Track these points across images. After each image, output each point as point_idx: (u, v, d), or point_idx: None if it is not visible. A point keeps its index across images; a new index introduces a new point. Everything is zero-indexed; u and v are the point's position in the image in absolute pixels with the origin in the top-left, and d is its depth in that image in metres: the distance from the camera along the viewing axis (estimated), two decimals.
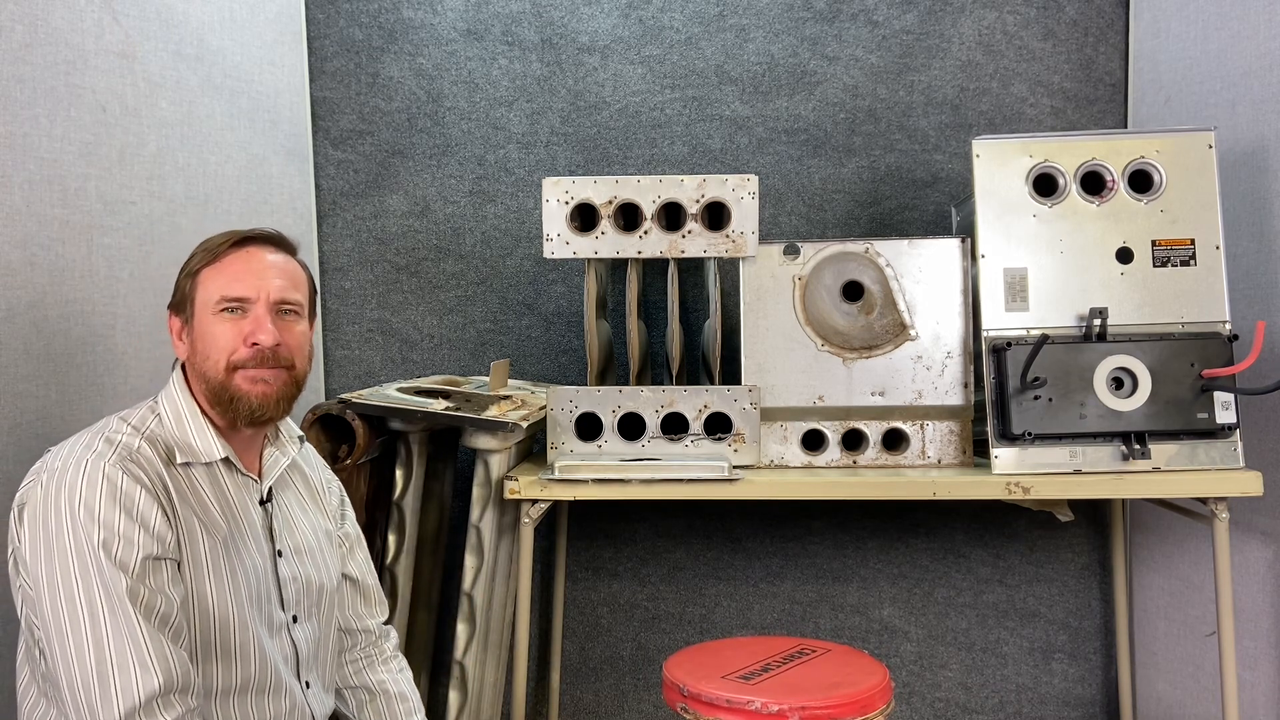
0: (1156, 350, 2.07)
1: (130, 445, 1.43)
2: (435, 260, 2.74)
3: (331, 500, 1.75)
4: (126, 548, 1.35)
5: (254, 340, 1.48)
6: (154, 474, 1.42)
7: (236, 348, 1.48)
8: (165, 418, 1.50)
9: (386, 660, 1.78)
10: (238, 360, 1.48)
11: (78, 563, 1.34)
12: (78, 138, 1.94)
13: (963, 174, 2.66)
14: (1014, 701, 2.69)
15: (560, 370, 2.74)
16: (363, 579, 1.77)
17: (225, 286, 1.49)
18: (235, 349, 1.48)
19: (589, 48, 2.70)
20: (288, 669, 1.55)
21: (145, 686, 1.31)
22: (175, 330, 1.54)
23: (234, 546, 1.49)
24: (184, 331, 1.52)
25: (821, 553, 2.71)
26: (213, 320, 1.48)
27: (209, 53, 2.31)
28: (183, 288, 1.53)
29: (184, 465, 1.48)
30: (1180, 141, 2.12)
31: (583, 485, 2.08)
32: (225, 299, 1.48)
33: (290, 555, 1.59)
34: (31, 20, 1.83)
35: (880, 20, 2.67)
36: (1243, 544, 2.25)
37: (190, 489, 1.47)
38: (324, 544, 1.67)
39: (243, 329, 1.48)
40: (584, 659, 2.76)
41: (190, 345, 1.51)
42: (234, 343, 1.48)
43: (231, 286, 1.49)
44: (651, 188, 2.17)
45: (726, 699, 1.76)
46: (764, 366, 2.21)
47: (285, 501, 1.63)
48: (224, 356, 1.47)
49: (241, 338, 1.48)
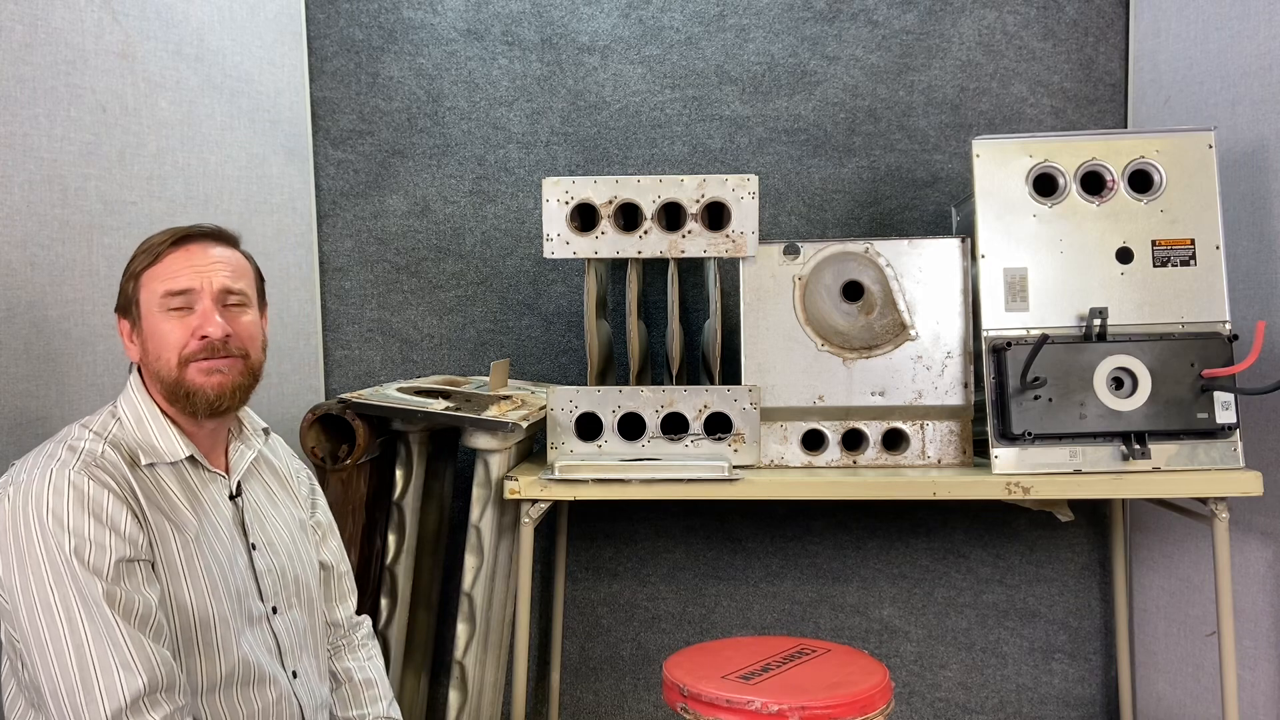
0: (1156, 350, 2.07)
1: (94, 450, 1.44)
2: (435, 260, 2.74)
3: (302, 489, 1.77)
4: (99, 553, 1.36)
5: (203, 333, 1.49)
6: (120, 477, 1.42)
7: (186, 342, 1.49)
8: (126, 421, 1.51)
9: (355, 648, 1.80)
10: (189, 354, 1.49)
11: (51, 572, 1.34)
12: (78, 138, 1.94)
13: (963, 174, 2.66)
14: (1014, 701, 2.69)
15: (560, 370, 2.74)
16: (335, 566, 1.79)
17: (168, 283, 1.49)
18: (185, 343, 1.49)
19: (589, 48, 2.70)
20: (271, 660, 1.55)
21: (130, 687, 1.32)
22: (125, 333, 1.55)
23: (206, 543, 1.50)
24: (133, 334, 1.53)
25: (821, 553, 2.71)
26: (160, 318, 1.49)
27: (209, 53, 2.31)
28: (126, 290, 1.53)
29: (149, 466, 1.48)
30: (1180, 141, 2.12)
31: (583, 485, 2.08)
32: (169, 293, 1.49)
33: (264, 548, 1.60)
34: (31, 20, 1.83)
35: (880, 20, 2.67)
36: (1243, 544, 2.25)
37: (158, 489, 1.48)
38: (297, 534, 1.69)
39: (190, 324, 1.49)
40: (584, 659, 2.76)
41: (141, 346, 1.52)
42: (183, 338, 1.49)
43: (174, 281, 1.49)
44: (651, 188, 2.17)
45: (726, 699, 1.76)
46: (764, 366, 2.21)
47: (255, 495, 1.64)
48: (175, 353, 1.49)
49: (190, 331, 1.49)
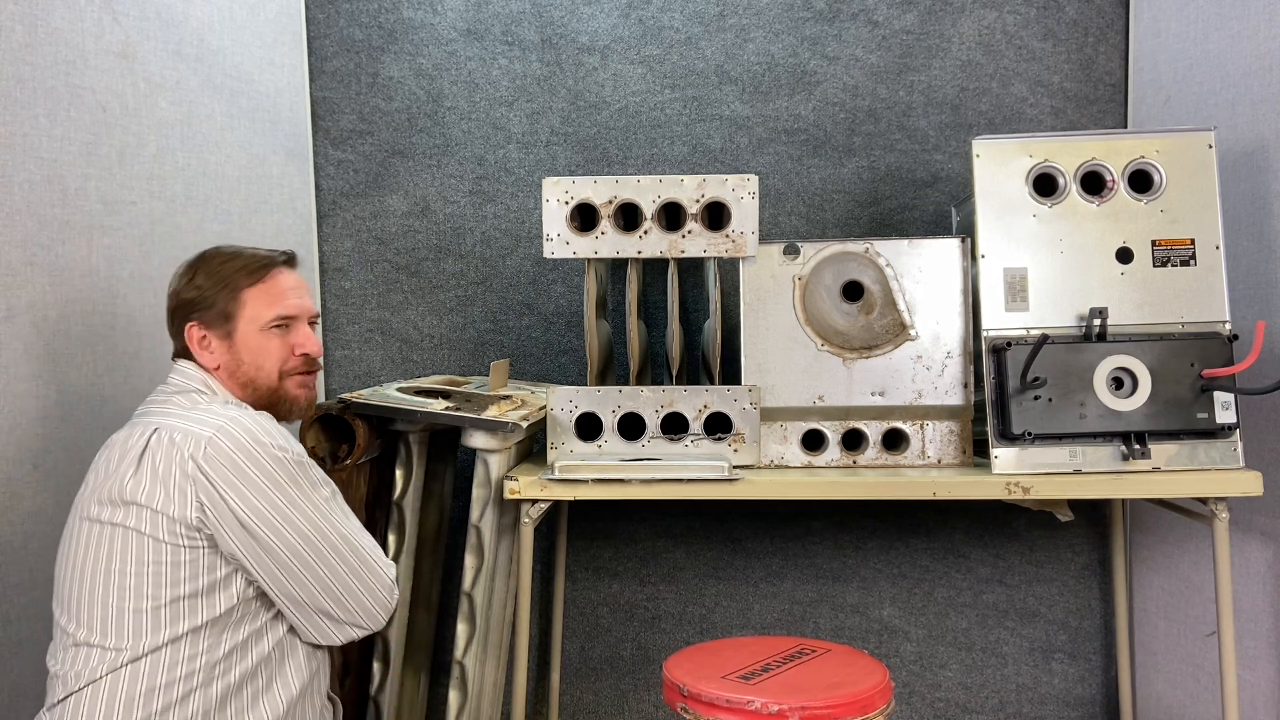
0: (1156, 350, 2.06)
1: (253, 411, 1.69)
2: (435, 260, 2.74)
3: None
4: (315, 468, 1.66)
5: (305, 351, 1.76)
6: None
7: (287, 357, 1.74)
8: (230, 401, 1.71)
9: None
10: (290, 369, 1.74)
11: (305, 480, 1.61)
12: (78, 138, 1.94)
13: (963, 174, 2.66)
14: (1014, 701, 2.69)
15: (560, 370, 2.74)
16: None
17: (277, 307, 1.72)
18: (286, 359, 1.74)
19: (589, 48, 2.70)
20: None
21: (388, 566, 1.70)
22: (196, 339, 1.70)
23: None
24: (213, 342, 1.70)
25: (821, 553, 2.71)
26: (265, 336, 1.71)
27: (209, 53, 2.31)
28: (216, 302, 1.70)
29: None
30: (1180, 141, 2.12)
31: (583, 485, 2.08)
32: (280, 318, 1.73)
33: None
34: (31, 20, 1.83)
35: (880, 20, 2.67)
36: (1243, 544, 2.25)
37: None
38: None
39: (289, 341, 1.74)
40: (584, 659, 2.76)
41: (231, 355, 1.71)
42: (284, 353, 1.73)
43: (283, 307, 1.73)
44: (651, 188, 2.17)
45: (726, 699, 1.76)
46: (764, 366, 2.21)
47: None
48: (277, 366, 1.73)
49: (289, 349, 1.74)
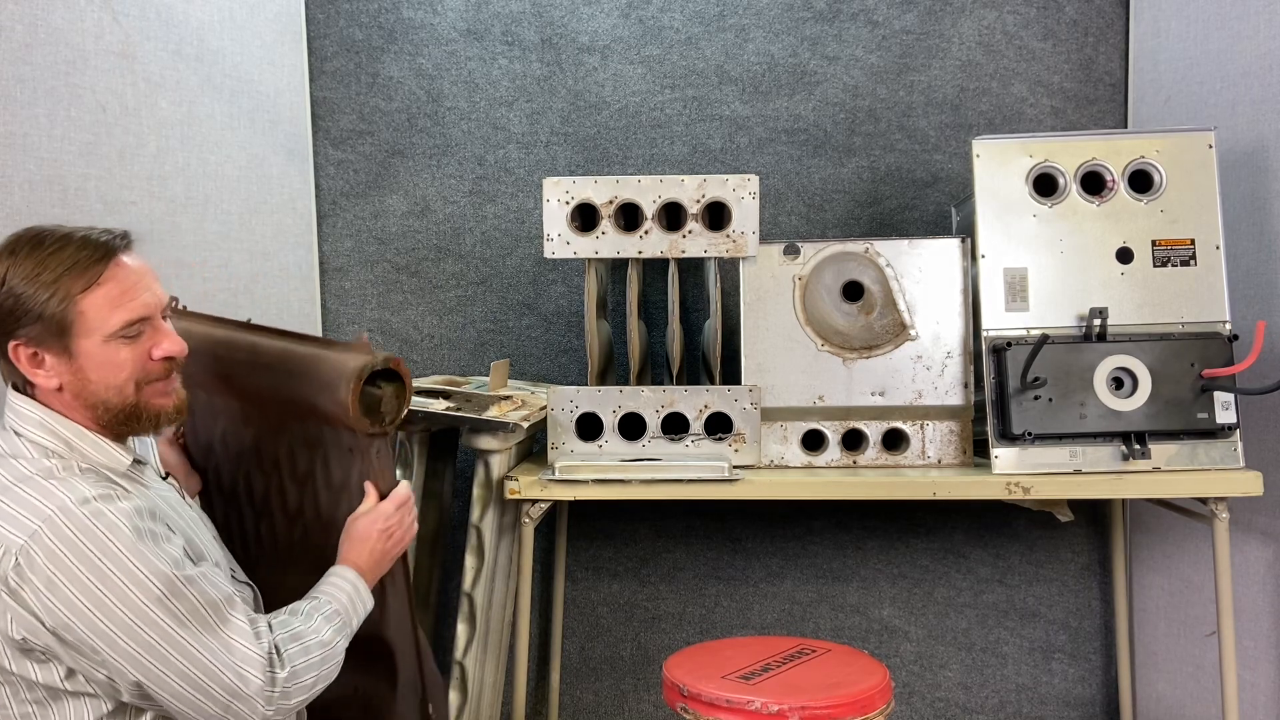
0: (1156, 350, 2.07)
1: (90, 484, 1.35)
2: (435, 260, 2.74)
3: None
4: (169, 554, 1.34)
5: (167, 354, 1.40)
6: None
7: (143, 365, 1.39)
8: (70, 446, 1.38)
9: None
10: (147, 378, 1.40)
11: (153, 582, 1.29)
12: (78, 138, 1.94)
13: (963, 174, 2.65)
14: (1014, 701, 2.69)
15: (560, 370, 2.74)
16: None
17: (124, 311, 1.36)
18: (142, 367, 1.39)
19: (589, 48, 2.70)
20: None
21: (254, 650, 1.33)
22: (26, 359, 1.35)
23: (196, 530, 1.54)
24: (48, 359, 1.36)
25: (821, 553, 2.71)
26: (113, 346, 1.36)
27: (209, 53, 2.31)
28: (44, 312, 1.33)
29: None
30: (1180, 141, 2.12)
31: (583, 485, 2.08)
32: (129, 323, 1.37)
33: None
34: (31, 20, 1.83)
35: (880, 20, 2.67)
36: (1243, 544, 2.25)
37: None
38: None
39: (144, 347, 1.39)
40: (584, 659, 2.76)
41: (74, 375, 1.36)
42: (140, 362, 1.38)
43: (131, 309, 1.37)
44: (651, 188, 2.17)
45: (726, 699, 1.76)
46: (764, 366, 2.21)
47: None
48: (133, 379, 1.38)
49: (145, 355, 1.39)
